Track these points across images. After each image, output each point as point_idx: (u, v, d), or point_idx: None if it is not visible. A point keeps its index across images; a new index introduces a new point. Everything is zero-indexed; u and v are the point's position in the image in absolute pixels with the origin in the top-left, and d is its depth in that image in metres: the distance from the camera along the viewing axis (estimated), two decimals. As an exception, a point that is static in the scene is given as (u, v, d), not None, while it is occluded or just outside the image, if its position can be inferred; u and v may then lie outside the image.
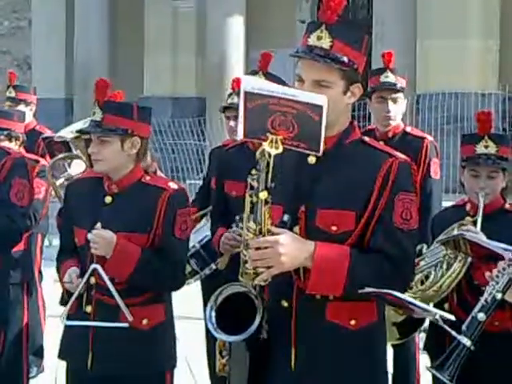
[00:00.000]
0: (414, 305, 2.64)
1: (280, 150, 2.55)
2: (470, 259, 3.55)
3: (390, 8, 11.57)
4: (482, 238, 3.27)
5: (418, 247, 3.74)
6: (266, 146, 2.54)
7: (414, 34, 11.83)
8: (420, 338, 4.52)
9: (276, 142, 2.55)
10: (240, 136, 2.64)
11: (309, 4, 15.17)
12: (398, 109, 4.76)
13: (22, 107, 6.16)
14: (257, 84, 2.58)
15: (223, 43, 13.07)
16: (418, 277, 3.63)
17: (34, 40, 16.88)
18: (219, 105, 5.30)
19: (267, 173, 2.55)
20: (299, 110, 2.53)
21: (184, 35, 15.20)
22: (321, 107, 2.51)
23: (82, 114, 12.26)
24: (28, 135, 5.20)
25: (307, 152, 2.61)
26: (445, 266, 3.60)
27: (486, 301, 2.64)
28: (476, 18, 12.65)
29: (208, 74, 13.27)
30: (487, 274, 2.69)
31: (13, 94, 6.34)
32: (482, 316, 2.63)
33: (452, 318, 2.60)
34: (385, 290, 2.58)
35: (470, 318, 2.65)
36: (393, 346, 4.32)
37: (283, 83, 3.95)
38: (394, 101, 4.73)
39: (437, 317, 2.62)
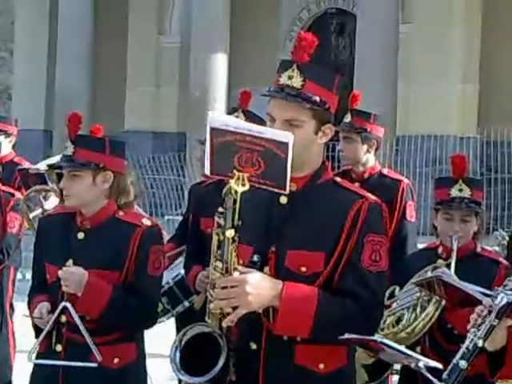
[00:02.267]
0: (401, 351, 2.62)
1: (247, 187, 2.52)
2: (443, 302, 3.54)
3: (373, 50, 11.67)
4: (458, 281, 3.26)
5: (390, 289, 3.72)
6: (232, 183, 2.52)
7: (395, 76, 11.95)
8: (393, 382, 4.48)
9: (243, 179, 2.52)
10: (207, 172, 2.63)
11: (292, 43, 15.28)
12: (351, 149, 4.77)
13: (1, 138, 6.12)
14: (223, 120, 2.56)
15: (206, 80, 13.13)
16: (390, 319, 3.61)
17: (15, 71, 16.87)
18: (198, 139, 5.32)
19: (234, 210, 2.53)
20: (265, 147, 2.51)
21: (166, 70, 15.27)
22: (286, 144, 2.49)
23: (61, 146, 12.20)
24: (5, 167, 5.16)
25: (273, 190, 2.59)
26: (418, 309, 3.58)
27: (467, 348, 2.61)
28: (456, 62, 12.82)
29: (189, 109, 13.30)
30: (472, 317, 2.65)
31: None
32: (463, 364, 2.60)
33: (439, 366, 2.57)
34: (368, 337, 2.55)
35: (451, 365, 2.61)
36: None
37: (262, 122, 3.96)
38: (347, 140, 4.78)
39: (420, 364, 2.59)
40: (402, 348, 2.67)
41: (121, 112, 15.23)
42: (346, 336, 2.54)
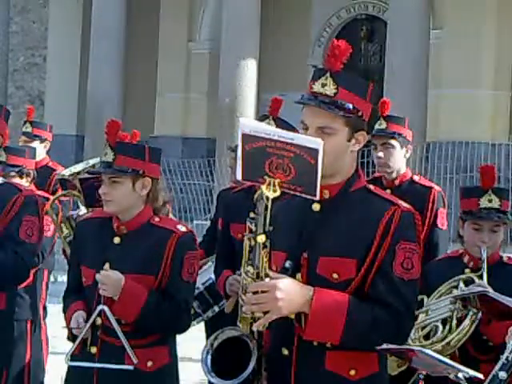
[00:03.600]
0: (442, 361, 2.60)
1: (278, 193, 2.54)
2: (480, 315, 3.51)
3: (402, 56, 11.64)
4: (503, 296, 3.24)
5: (419, 298, 3.69)
6: (263, 189, 2.55)
7: (426, 82, 11.90)
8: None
9: (274, 185, 2.54)
10: (239, 178, 2.65)
11: (321, 48, 15.29)
12: (391, 155, 4.76)
13: (36, 143, 6.20)
14: (254, 126, 2.58)
15: (235, 85, 13.16)
16: (422, 331, 3.58)
17: (48, 76, 17.05)
18: (229, 146, 5.34)
19: (265, 216, 2.55)
20: (295, 153, 2.52)
21: (196, 77, 15.33)
22: (316, 151, 2.51)
23: (92, 151, 12.33)
24: (40, 172, 5.23)
25: (304, 196, 2.60)
26: (454, 322, 3.53)
27: (507, 359, 2.58)
28: (488, 68, 12.74)
29: (219, 115, 13.35)
30: (511, 329, 2.63)
31: (29, 130, 6.38)
32: (503, 375, 2.56)
33: (480, 376, 2.56)
34: (408, 347, 2.54)
35: (490, 376, 2.58)
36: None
37: (292, 129, 3.98)
38: (385, 147, 4.76)
39: (460, 375, 2.58)
40: (443, 358, 2.65)
41: (151, 118, 15.32)
42: (385, 346, 2.55)
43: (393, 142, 4.76)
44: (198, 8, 15.59)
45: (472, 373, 2.57)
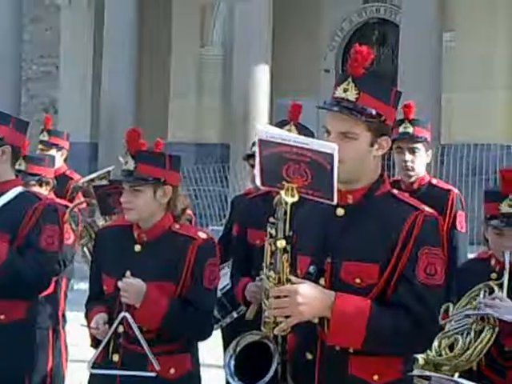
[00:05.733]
0: None
1: (296, 198, 2.55)
2: (497, 329, 3.49)
3: (415, 59, 11.62)
4: (508, 316, 3.21)
5: (444, 306, 3.66)
6: (282, 194, 2.56)
7: (439, 84, 11.88)
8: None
9: (292, 190, 2.55)
10: (258, 183, 2.66)
11: (333, 53, 15.29)
12: (416, 159, 4.75)
13: (53, 151, 6.21)
14: (270, 132, 2.60)
15: (248, 91, 13.17)
16: (445, 342, 3.55)
17: (61, 84, 17.12)
18: (243, 151, 5.34)
19: (285, 221, 2.56)
20: (311, 159, 2.54)
21: (209, 82, 15.36)
22: (331, 155, 2.52)
23: (106, 158, 12.37)
24: (58, 180, 5.24)
25: (322, 201, 2.61)
26: (472, 334, 3.49)
27: None
28: (501, 69, 12.70)
29: (232, 120, 13.36)
30: None
31: (46, 138, 6.40)
32: None
33: None
34: (447, 377, 2.52)
35: None
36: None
37: (312, 134, 3.98)
38: (412, 151, 4.74)
39: None
40: None
41: (164, 124, 15.35)
42: (431, 373, 2.53)
43: (419, 146, 4.75)
44: (210, 13, 15.63)
45: None
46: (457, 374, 3.04)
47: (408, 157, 4.73)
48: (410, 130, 4.77)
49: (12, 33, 15.81)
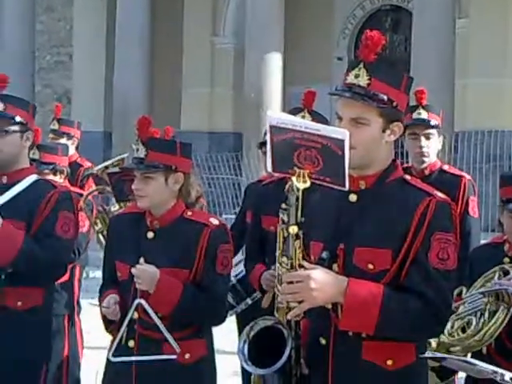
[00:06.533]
0: (489, 369, 2.59)
1: (308, 184, 2.55)
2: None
3: (428, 46, 11.57)
4: None
5: (457, 290, 3.66)
6: (294, 180, 2.56)
7: (452, 71, 11.83)
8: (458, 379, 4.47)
9: (303, 176, 2.55)
10: (269, 170, 2.66)
11: (346, 40, 15.25)
12: (431, 145, 4.75)
13: (64, 140, 6.25)
14: (281, 118, 2.60)
15: (260, 79, 13.16)
16: (458, 323, 3.57)
17: (75, 74, 17.17)
18: (255, 140, 5.34)
19: (297, 207, 2.56)
20: (322, 145, 2.53)
21: (221, 71, 15.36)
22: (342, 141, 2.51)
23: (120, 147, 12.40)
24: (69, 168, 5.27)
25: (333, 187, 2.61)
26: (486, 315, 3.51)
27: None
28: (514, 55, 12.64)
29: (245, 109, 13.36)
30: None
31: (56, 127, 6.44)
32: None
33: None
34: (460, 357, 2.53)
35: None
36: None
37: (326, 121, 3.98)
38: (427, 137, 4.73)
39: (506, 377, 2.59)
40: (490, 366, 2.63)
41: (177, 113, 15.37)
42: (444, 355, 2.53)
43: (434, 131, 4.75)
44: (221, 2, 15.61)
45: None
46: (469, 355, 3.04)
47: (424, 142, 4.72)
48: (425, 115, 4.76)
49: (25, 23, 15.85)
